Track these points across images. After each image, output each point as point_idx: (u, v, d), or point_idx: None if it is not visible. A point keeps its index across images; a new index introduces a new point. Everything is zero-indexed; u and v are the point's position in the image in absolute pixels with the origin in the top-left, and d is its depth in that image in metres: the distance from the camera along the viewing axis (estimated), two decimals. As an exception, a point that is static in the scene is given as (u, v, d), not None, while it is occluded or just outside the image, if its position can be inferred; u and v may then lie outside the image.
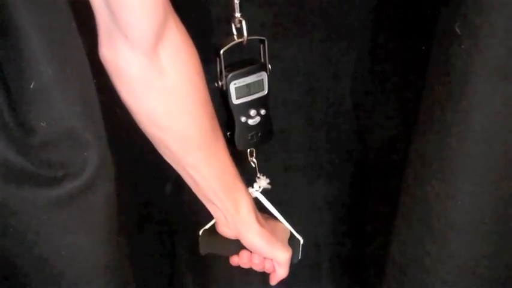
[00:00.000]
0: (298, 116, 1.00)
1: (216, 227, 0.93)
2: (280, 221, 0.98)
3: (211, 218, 0.93)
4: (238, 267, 0.98)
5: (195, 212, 0.97)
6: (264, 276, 0.99)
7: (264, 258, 0.95)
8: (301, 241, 1.00)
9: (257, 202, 0.96)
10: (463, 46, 0.68)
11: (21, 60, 0.60)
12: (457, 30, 0.68)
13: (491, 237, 0.77)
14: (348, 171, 1.07)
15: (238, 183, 0.88)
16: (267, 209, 0.97)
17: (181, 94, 0.74)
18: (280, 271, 0.95)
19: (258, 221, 0.91)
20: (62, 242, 0.69)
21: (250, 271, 0.98)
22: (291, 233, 1.00)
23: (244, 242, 0.92)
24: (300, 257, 1.01)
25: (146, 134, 0.78)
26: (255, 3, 0.85)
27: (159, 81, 0.71)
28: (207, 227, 0.96)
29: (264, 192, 0.98)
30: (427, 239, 0.80)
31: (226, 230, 0.92)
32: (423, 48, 0.79)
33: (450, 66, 0.70)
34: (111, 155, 0.69)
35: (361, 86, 0.97)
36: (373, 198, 1.06)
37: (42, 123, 0.61)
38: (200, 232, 0.97)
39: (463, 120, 0.70)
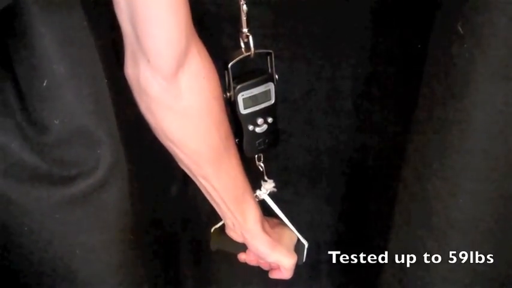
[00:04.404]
0: (298, 117, 1.01)
1: (225, 228, 0.96)
2: (287, 227, 1.00)
3: (217, 218, 0.94)
4: (240, 267, 0.99)
5: (202, 212, 0.97)
6: (264, 276, 1.00)
7: None
8: (306, 245, 1.02)
9: (264, 205, 0.97)
10: (465, 45, 0.68)
11: (33, 58, 0.61)
12: (460, 29, 0.68)
13: (492, 235, 0.77)
14: (348, 171, 1.07)
15: (247, 196, 0.90)
16: (274, 212, 0.99)
17: (196, 117, 0.77)
18: (285, 273, 0.98)
19: (264, 230, 0.93)
20: (76, 240, 0.69)
21: (250, 272, 0.99)
22: (297, 238, 1.01)
23: (250, 248, 0.95)
24: (304, 260, 1.03)
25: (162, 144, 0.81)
26: (256, 3, 0.85)
27: (176, 104, 0.74)
28: (217, 225, 0.99)
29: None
30: (428, 237, 0.80)
31: (233, 234, 0.95)
32: (424, 48, 0.80)
33: (452, 65, 0.70)
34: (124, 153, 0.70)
35: (361, 86, 0.97)
36: (373, 198, 1.06)
37: (55, 121, 0.61)
38: (211, 230, 1.00)
39: (465, 118, 0.71)
